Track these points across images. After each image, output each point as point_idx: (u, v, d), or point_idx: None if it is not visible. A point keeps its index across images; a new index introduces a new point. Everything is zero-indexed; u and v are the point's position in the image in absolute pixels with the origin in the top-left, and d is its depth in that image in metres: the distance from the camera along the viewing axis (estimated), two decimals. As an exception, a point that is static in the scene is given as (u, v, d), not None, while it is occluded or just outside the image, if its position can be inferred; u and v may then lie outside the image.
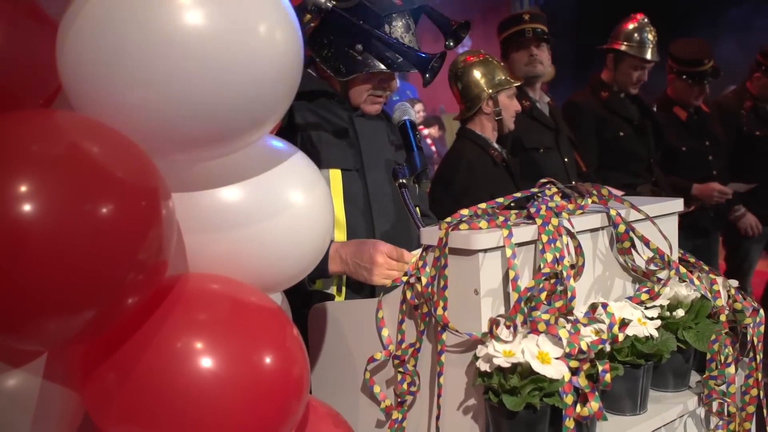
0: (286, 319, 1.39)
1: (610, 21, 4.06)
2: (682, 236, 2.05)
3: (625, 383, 1.68)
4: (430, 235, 1.66)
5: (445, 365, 1.63)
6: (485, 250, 1.59)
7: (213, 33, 1.18)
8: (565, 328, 1.53)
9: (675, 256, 1.92)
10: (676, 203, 2.02)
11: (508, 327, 1.53)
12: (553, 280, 1.62)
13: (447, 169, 3.07)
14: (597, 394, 1.51)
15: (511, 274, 1.59)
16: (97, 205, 1.12)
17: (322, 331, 1.94)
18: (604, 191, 1.84)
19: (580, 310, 1.68)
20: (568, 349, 1.50)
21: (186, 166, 1.35)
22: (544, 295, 1.61)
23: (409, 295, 1.69)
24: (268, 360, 1.30)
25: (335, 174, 2.18)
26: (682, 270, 1.82)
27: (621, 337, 1.62)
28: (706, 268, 1.96)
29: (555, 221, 1.68)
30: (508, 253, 1.59)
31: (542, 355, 1.49)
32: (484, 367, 1.51)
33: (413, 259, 1.80)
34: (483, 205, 1.74)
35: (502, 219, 1.66)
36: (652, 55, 3.87)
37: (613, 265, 1.86)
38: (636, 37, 3.86)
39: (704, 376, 1.78)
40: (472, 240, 1.59)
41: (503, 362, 1.48)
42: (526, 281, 1.63)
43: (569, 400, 1.49)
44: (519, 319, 1.54)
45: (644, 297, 1.77)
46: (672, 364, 1.78)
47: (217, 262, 1.37)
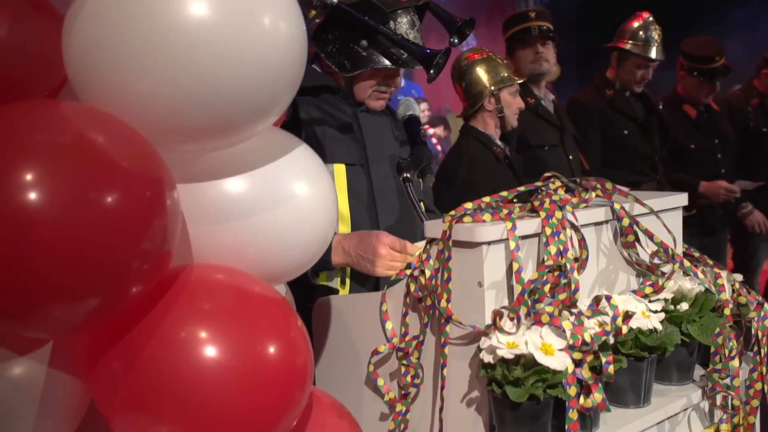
0: (291, 309, 1.40)
1: (615, 20, 4.07)
2: (690, 234, 2.05)
3: (629, 376, 1.68)
4: (434, 227, 1.67)
5: (448, 357, 1.63)
6: (489, 243, 1.60)
7: (218, 23, 1.18)
8: (568, 320, 1.53)
9: (679, 250, 1.92)
10: (681, 198, 2.02)
11: (511, 319, 1.53)
12: (556, 273, 1.62)
13: (449, 166, 3.08)
14: (600, 385, 1.51)
15: (515, 267, 1.59)
16: (102, 194, 1.13)
17: (326, 325, 1.94)
18: (608, 185, 1.85)
19: (584, 303, 1.68)
20: (571, 341, 1.50)
21: (191, 158, 1.36)
22: (547, 288, 1.61)
23: (413, 287, 1.69)
24: (271, 350, 1.30)
25: (339, 169, 2.19)
26: (686, 264, 1.82)
27: (625, 330, 1.62)
28: (711, 263, 1.95)
29: (559, 214, 1.68)
30: (512, 245, 1.60)
31: (546, 347, 1.49)
32: (488, 359, 1.51)
33: (417, 252, 1.80)
34: (487, 199, 1.75)
35: (505, 212, 1.66)
36: (656, 53, 3.87)
37: (617, 258, 1.86)
38: (641, 35, 3.86)
39: (708, 369, 1.78)
40: (476, 232, 1.59)
41: (507, 353, 1.48)
42: (529, 274, 1.63)
43: (572, 391, 1.49)
44: (523, 311, 1.54)
45: (648, 290, 1.77)
46: (676, 358, 1.78)
47: (222, 253, 1.38)
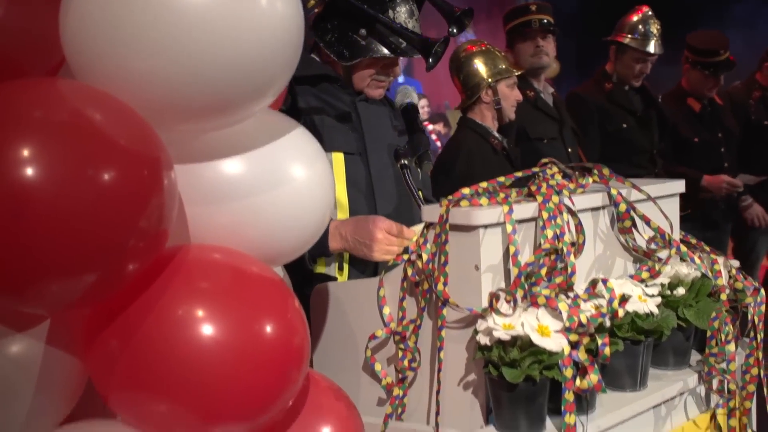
0: (288, 290, 1.40)
1: (615, 17, 4.06)
2: (692, 228, 2.05)
3: (626, 359, 1.69)
4: (431, 212, 1.67)
5: (445, 340, 1.63)
6: (486, 226, 1.60)
7: (215, 1, 1.19)
8: (564, 302, 1.53)
9: (676, 236, 1.93)
10: (678, 185, 2.03)
11: (508, 301, 1.54)
12: (553, 257, 1.63)
13: (447, 157, 3.09)
14: (596, 367, 1.51)
15: (512, 250, 1.60)
16: (100, 171, 1.13)
17: (324, 311, 1.95)
18: (605, 171, 1.85)
19: (581, 288, 1.69)
20: (568, 323, 1.51)
21: (188, 138, 1.36)
22: (544, 271, 1.62)
23: (410, 272, 1.70)
24: (269, 329, 1.31)
25: (338, 157, 2.20)
26: (683, 249, 1.82)
27: (621, 313, 1.63)
28: (707, 249, 1.96)
29: (556, 198, 1.68)
30: (509, 228, 1.60)
31: (542, 329, 1.49)
32: (484, 341, 1.51)
33: (414, 236, 1.81)
34: (484, 184, 1.75)
35: (502, 196, 1.67)
36: (655, 48, 3.87)
37: (614, 244, 1.86)
38: (640, 29, 3.86)
39: (704, 353, 1.79)
40: (473, 216, 1.60)
41: (503, 335, 1.48)
42: (526, 257, 1.64)
43: (569, 373, 1.49)
44: (519, 294, 1.55)
45: (645, 275, 1.78)
46: (672, 342, 1.79)
47: (219, 234, 1.38)
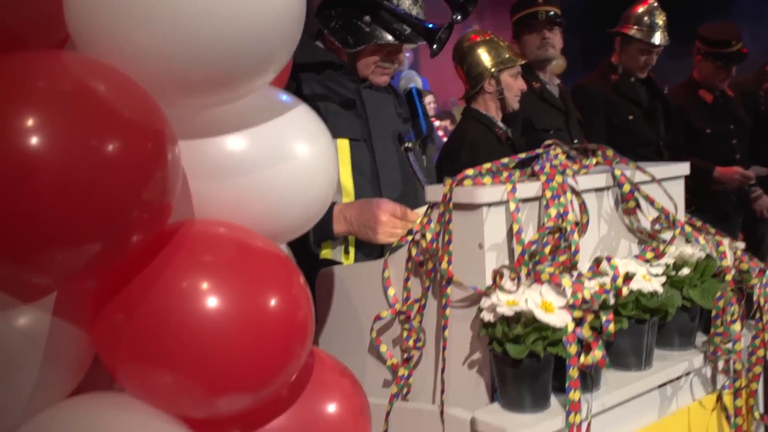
0: (293, 265, 1.41)
1: (621, 12, 4.06)
2: (704, 220, 2.03)
3: (630, 338, 1.68)
4: (435, 191, 1.68)
5: (449, 319, 1.64)
6: (489, 205, 1.60)
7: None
8: (568, 278, 1.53)
9: (681, 217, 1.93)
10: (683, 167, 2.03)
11: (512, 279, 1.54)
12: (557, 235, 1.63)
13: (452, 147, 3.10)
14: (601, 343, 1.51)
15: (515, 228, 1.60)
16: (104, 142, 1.14)
17: (330, 295, 1.95)
18: (609, 152, 1.85)
19: (585, 268, 1.69)
20: (571, 300, 1.51)
21: (192, 115, 1.37)
22: (548, 250, 1.62)
23: (414, 252, 1.70)
24: (273, 302, 1.31)
25: (343, 144, 2.20)
26: (688, 229, 1.82)
27: (625, 291, 1.63)
28: (713, 231, 1.96)
29: (559, 178, 1.68)
30: (512, 206, 1.61)
31: (545, 305, 1.49)
32: (488, 318, 1.52)
33: (417, 219, 1.81)
34: (487, 165, 1.75)
35: (506, 175, 1.68)
36: (660, 39, 3.87)
37: (618, 226, 1.86)
38: (645, 20, 3.86)
39: (710, 333, 1.79)
40: (476, 194, 1.60)
41: (507, 311, 1.49)
42: (530, 236, 1.64)
43: (573, 350, 1.49)
44: (523, 272, 1.55)
45: (649, 255, 1.78)
46: (677, 323, 1.79)
47: (223, 210, 1.39)
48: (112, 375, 1.31)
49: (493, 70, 3.05)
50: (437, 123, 6.59)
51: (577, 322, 1.52)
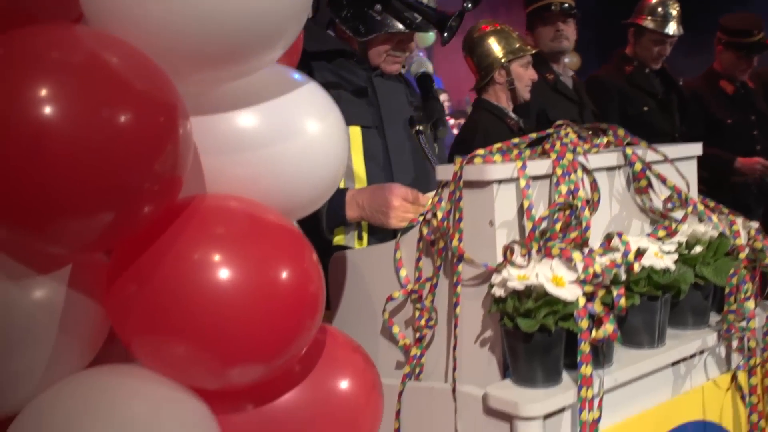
0: (305, 240, 1.42)
1: (633, 4, 4.05)
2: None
3: (642, 316, 1.68)
4: (445, 170, 1.69)
5: (461, 297, 1.64)
6: (499, 182, 1.61)
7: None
8: (579, 253, 1.53)
9: (693, 196, 1.92)
10: (695, 147, 2.02)
11: (523, 255, 1.54)
12: (567, 212, 1.63)
13: (465, 137, 3.10)
14: (612, 317, 1.51)
15: (526, 204, 1.60)
16: (117, 113, 1.16)
17: (342, 279, 1.96)
18: (620, 132, 1.85)
19: (596, 246, 1.69)
20: (582, 275, 1.51)
21: (202, 91, 1.39)
22: (558, 226, 1.62)
23: (426, 231, 1.71)
24: (284, 275, 1.32)
25: (355, 131, 2.22)
26: (700, 207, 1.82)
27: (637, 267, 1.62)
28: (726, 211, 1.95)
29: (570, 156, 1.69)
30: (522, 183, 1.61)
31: (556, 279, 1.50)
32: (499, 293, 1.52)
33: (429, 202, 1.82)
34: (498, 145, 1.76)
35: (516, 152, 1.68)
36: (674, 29, 3.86)
37: (630, 205, 1.86)
38: (659, 11, 3.85)
39: (723, 311, 1.78)
40: (486, 171, 1.61)
41: (517, 285, 1.49)
42: (540, 213, 1.64)
43: (584, 324, 1.49)
44: (534, 248, 1.55)
45: (662, 233, 1.77)
46: (690, 302, 1.78)
47: (234, 185, 1.41)
48: (127, 347, 1.32)
49: (504, 60, 3.05)
50: (452, 122, 6.60)
51: (589, 297, 1.52)
